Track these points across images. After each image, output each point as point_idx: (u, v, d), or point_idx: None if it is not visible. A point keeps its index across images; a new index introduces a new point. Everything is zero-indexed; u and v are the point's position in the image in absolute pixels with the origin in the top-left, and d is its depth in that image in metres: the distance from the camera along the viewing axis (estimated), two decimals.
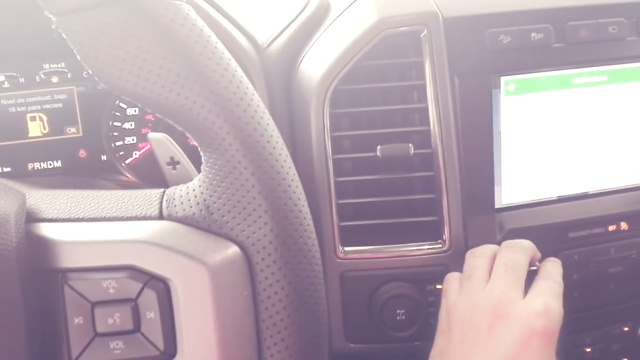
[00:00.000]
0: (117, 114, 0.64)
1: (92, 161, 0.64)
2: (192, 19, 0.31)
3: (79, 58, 0.31)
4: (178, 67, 0.30)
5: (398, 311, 0.52)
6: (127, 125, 0.64)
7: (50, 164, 0.64)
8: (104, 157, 0.64)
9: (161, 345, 0.31)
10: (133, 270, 0.31)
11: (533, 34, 0.52)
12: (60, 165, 0.64)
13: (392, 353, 0.55)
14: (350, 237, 0.53)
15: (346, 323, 0.54)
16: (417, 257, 0.52)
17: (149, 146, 0.63)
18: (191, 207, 0.33)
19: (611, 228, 0.55)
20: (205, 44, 0.31)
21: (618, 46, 0.54)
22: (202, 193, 0.33)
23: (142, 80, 0.30)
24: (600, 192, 0.57)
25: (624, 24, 0.53)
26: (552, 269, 0.47)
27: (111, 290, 0.31)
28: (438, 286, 0.51)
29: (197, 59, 0.31)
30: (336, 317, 0.54)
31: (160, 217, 0.33)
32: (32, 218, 0.34)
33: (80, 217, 0.34)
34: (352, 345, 0.54)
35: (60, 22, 0.31)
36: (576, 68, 0.53)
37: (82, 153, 0.64)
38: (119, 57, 0.30)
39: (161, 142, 0.42)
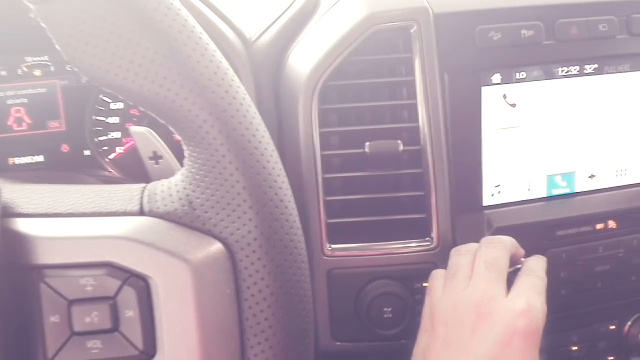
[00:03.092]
0: (101, 108, 0.62)
1: (75, 156, 0.63)
2: (176, 9, 0.30)
3: (58, 48, 0.30)
4: (161, 58, 0.29)
5: (385, 309, 0.51)
6: (111, 120, 0.63)
7: (32, 159, 0.62)
8: (87, 152, 0.63)
9: (140, 345, 0.30)
10: (112, 267, 0.30)
11: (523, 31, 0.52)
12: (42, 160, 0.62)
13: (378, 351, 0.54)
14: (337, 234, 0.52)
15: (333, 321, 0.53)
16: (405, 254, 0.52)
17: (133, 141, 0.62)
18: (173, 202, 0.32)
19: (599, 226, 0.55)
20: (189, 34, 0.30)
21: (608, 44, 0.54)
22: (184, 188, 0.32)
23: (124, 71, 0.29)
24: (589, 191, 0.57)
25: (614, 22, 0.53)
26: (535, 264, 0.47)
27: (89, 288, 0.30)
28: (425, 284, 0.50)
29: (181, 50, 0.30)
30: (322, 315, 0.53)
31: (141, 212, 0.32)
32: (7, 213, 0.33)
33: (58, 212, 0.33)
34: (338, 343, 0.54)
35: (39, 11, 0.30)
36: (566, 66, 0.53)
37: (65, 148, 0.63)
38: (100, 47, 0.29)
39: (144, 136, 0.41)
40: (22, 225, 0.32)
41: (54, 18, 0.29)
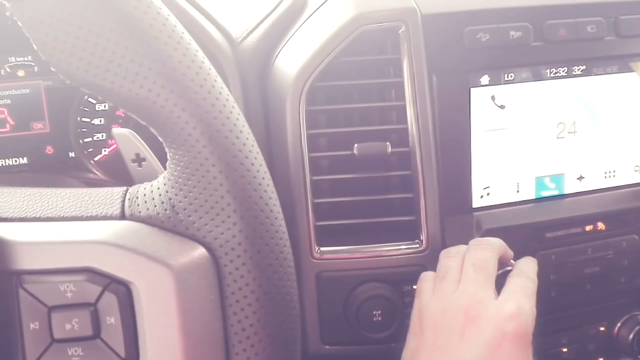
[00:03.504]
0: (85, 109, 0.62)
1: (59, 158, 0.62)
2: (157, 7, 0.29)
3: (35, 47, 0.30)
4: (141, 57, 0.28)
5: (374, 312, 0.51)
6: (96, 121, 0.62)
7: (15, 161, 0.62)
8: (71, 154, 0.62)
9: (122, 352, 0.30)
10: (92, 273, 0.29)
11: (512, 32, 0.51)
12: (26, 162, 0.62)
13: (368, 354, 0.54)
14: (326, 237, 0.52)
15: (322, 324, 0.53)
16: (394, 257, 0.51)
17: None
18: (155, 206, 0.31)
19: (588, 228, 0.55)
20: (170, 33, 0.29)
21: (596, 46, 0.54)
22: (167, 192, 0.31)
23: (102, 71, 0.29)
24: (578, 192, 0.57)
25: (603, 24, 0.53)
26: (526, 266, 0.46)
27: (69, 294, 0.29)
28: (415, 287, 0.50)
29: (161, 49, 0.29)
30: (312, 319, 0.53)
31: (122, 216, 0.32)
32: None
33: (37, 216, 0.32)
34: (327, 347, 0.53)
35: (15, 9, 0.29)
36: (554, 67, 0.53)
37: (49, 149, 0.62)
38: (78, 46, 0.28)
39: (126, 138, 0.40)
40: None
41: (30, 16, 0.28)
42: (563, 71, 0.54)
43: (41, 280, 0.30)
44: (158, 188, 0.32)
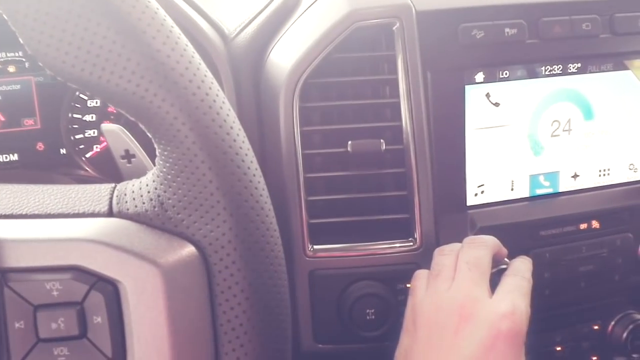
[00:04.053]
0: (77, 105, 0.61)
1: (50, 154, 0.61)
2: (145, 1, 0.29)
3: (21, 41, 0.29)
4: (129, 52, 0.28)
5: (368, 311, 0.51)
6: (87, 118, 0.61)
7: (6, 157, 0.61)
8: (63, 151, 0.62)
9: (109, 352, 0.29)
10: (79, 271, 0.29)
11: (507, 30, 0.51)
12: (16, 158, 0.61)
13: (361, 353, 0.54)
14: (319, 234, 0.51)
15: (315, 323, 0.52)
16: (388, 255, 0.51)
17: None
18: (144, 203, 0.31)
19: (582, 226, 0.55)
20: (159, 27, 0.29)
21: (591, 43, 0.53)
22: (155, 188, 0.31)
23: (90, 66, 0.28)
24: (572, 190, 0.57)
25: (598, 21, 0.53)
26: (521, 265, 0.46)
27: (55, 293, 0.29)
28: (408, 285, 0.50)
29: (150, 43, 0.28)
30: (305, 317, 0.52)
31: (110, 214, 0.31)
32: None
33: (23, 213, 0.31)
34: (320, 345, 0.53)
35: (1, 3, 0.28)
36: (549, 65, 0.53)
37: (40, 146, 0.61)
38: (65, 41, 0.28)
39: (115, 134, 0.40)
40: None
41: (16, 9, 0.28)
42: (558, 69, 0.53)
43: (27, 279, 0.29)
44: (147, 185, 0.31)
